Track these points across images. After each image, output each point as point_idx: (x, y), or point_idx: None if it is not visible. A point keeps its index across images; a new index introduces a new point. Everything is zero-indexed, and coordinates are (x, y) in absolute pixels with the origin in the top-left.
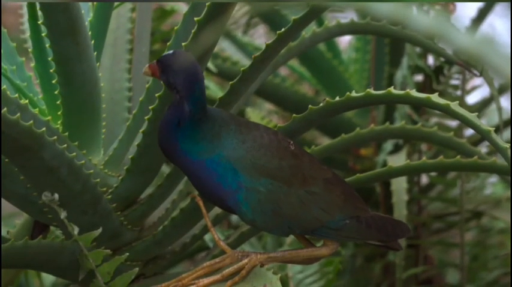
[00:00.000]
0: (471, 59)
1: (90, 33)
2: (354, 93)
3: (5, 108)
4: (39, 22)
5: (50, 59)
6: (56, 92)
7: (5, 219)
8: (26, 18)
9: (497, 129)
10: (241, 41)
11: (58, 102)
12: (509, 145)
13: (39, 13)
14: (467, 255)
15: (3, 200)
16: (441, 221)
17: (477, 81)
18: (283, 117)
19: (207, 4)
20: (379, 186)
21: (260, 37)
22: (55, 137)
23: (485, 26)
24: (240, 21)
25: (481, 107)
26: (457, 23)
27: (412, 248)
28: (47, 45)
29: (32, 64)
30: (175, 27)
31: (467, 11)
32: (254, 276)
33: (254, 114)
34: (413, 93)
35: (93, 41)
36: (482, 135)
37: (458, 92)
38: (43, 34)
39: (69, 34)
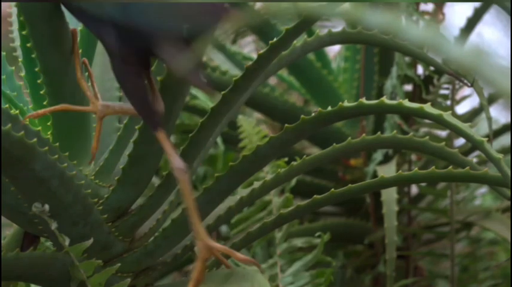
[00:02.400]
0: (462, 69)
1: (79, 42)
2: (346, 103)
3: None
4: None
5: (37, 69)
6: (45, 103)
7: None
8: (15, 26)
9: (488, 139)
10: (230, 50)
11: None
12: (502, 155)
13: None
14: (457, 266)
15: None
16: (431, 232)
17: (466, 91)
18: (272, 126)
19: None
20: (368, 197)
21: (247, 45)
22: (46, 147)
23: (473, 35)
24: (229, 32)
25: (471, 117)
26: (447, 33)
27: (402, 259)
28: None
29: (22, 74)
30: None
31: (456, 20)
32: (242, 277)
33: (246, 123)
34: (406, 103)
35: (81, 50)
36: (475, 146)
37: (448, 102)
38: (28, 45)
39: (54, 44)
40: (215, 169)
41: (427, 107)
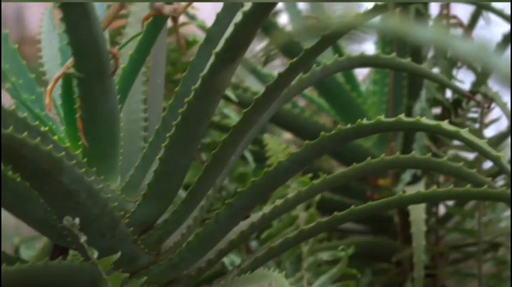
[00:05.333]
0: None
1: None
2: (365, 121)
3: (25, 133)
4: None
5: (75, 96)
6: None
7: (27, 242)
8: (45, 52)
9: None
10: (261, 72)
11: (79, 134)
12: None
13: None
14: (484, 286)
15: (22, 223)
16: (458, 252)
17: (495, 114)
18: (300, 147)
19: (225, 39)
20: (397, 216)
21: (276, 68)
22: (74, 161)
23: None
24: (259, 55)
25: (499, 140)
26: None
27: (429, 278)
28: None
29: (59, 102)
30: (191, 59)
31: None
32: (262, 277)
33: (272, 141)
34: (424, 120)
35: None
36: (492, 161)
37: (477, 125)
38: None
39: (98, 75)
40: (245, 187)
41: (444, 124)
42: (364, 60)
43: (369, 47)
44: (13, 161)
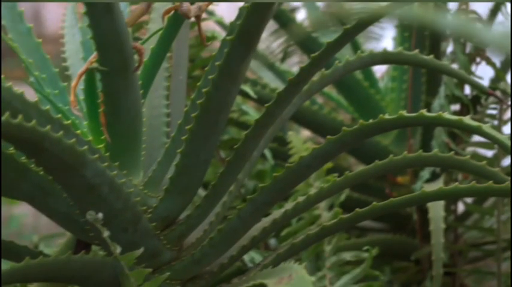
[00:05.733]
0: None
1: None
2: (387, 116)
3: (49, 126)
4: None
5: (98, 90)
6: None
7: (46, 240)
8: (68, 47)
9: None
10: (279, 69)
11: (101, 128)
12: None
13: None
14: (503, 285)
15: (44, 221)
16: (477, 250)
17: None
18: (319, 144)
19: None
20: (415, 213)
21: (293, 65)
22: (97, 155)
23: None
24: (277, 51)
25: None
26: None
27: (448, 276)
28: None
29: (82, 97)
30: (213, 53)
31: None
32: (282, 270)
33: (296, 139)
34: (446, 115)
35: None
36: None
37: (495, 122)
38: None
39: (121, 70)
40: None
41: (466, 119)
42: (386, 57)
43: (387, 44)
44: (36, 155)
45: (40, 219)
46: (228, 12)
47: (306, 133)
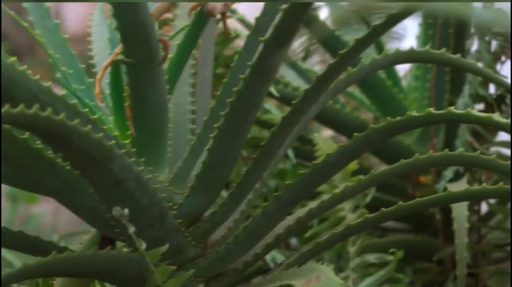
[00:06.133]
0: None
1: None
2: (415, 113)
3: (77, 120)
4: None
5: (124, 84)
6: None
7: (66, 239)
8: (95, 45)
9: None
10: (301, 67)
11: (127, 123)
12: None
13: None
14: None
15: (63, 220)
16: (501, 251)
17: None
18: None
19: (273, 25)
20: (438, 213)
21: (315, 65)
22: (124, 150)
23: None
24: (299, 50)
25: None
26: None
27: (471, 277)
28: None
29: (107, 92)
30: (239, 50)
31: None
32: (310, 271)
33: (322, 141)
34: (474, 112)
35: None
36: None
37: None
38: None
39: (147, 62)
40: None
41: (495, 116)
42: (413, 56)
43: (408, 44)
44: (63, 149)
45: (59, 218)
46: (249, 12)
47: (327, 133)
